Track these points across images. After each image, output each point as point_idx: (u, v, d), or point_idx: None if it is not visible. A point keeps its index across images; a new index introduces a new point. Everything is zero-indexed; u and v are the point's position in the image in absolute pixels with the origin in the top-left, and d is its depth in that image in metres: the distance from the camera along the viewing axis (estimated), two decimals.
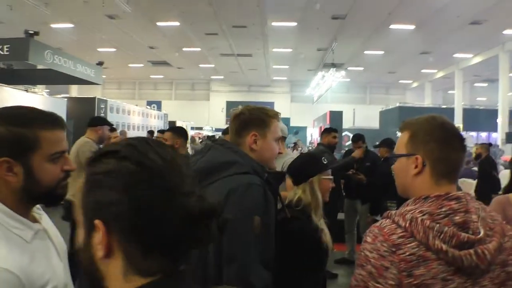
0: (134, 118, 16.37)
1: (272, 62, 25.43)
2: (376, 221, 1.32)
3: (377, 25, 17.39)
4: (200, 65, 27.25)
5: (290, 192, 2.03)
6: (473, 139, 24.30)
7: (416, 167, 1.23)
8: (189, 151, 12.60)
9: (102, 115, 12.14)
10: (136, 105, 18.37)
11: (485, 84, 31.62)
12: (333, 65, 20.64)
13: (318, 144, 5.54)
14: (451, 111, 26.70)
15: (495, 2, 14.71)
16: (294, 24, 17.62)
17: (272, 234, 1.51)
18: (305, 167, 2.05)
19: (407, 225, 1.10)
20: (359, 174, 5.40)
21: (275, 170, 1.88)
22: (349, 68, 24.93)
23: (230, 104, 35.79)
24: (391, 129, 27.22)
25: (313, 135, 30.74)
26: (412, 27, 17.67)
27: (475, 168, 9.96)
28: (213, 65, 26.92)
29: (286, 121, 19.42)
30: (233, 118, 1.65)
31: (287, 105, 33.83)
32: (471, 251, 1.04)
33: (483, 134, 25.37)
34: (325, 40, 19.85)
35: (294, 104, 34.21)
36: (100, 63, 13.87)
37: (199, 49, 21.90)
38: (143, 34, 18.97)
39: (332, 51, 20.07)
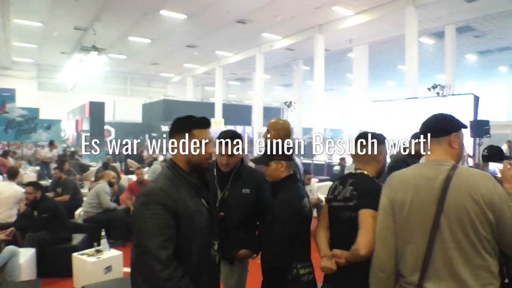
0: None
1: (14, 37, 20.22)
2: None
3: (148, 7, 15.81)
4: None
5: None
6: None
7: None
8: None
9: None
10: None
11: (237, 83, 34.42)
12: (95, 48, 17.84)
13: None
14: (211, 105, 27.74)
15: (262, 5, 15.40)
16: None
17: None
18: None
19: None
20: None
21: None
22: (110, 55, 22.34)
23: None
24: (155, 123, 26.25)
25: (67, 131, 26.63)
26: (183, 16, 16.87)
27: None
28: None
29: (35, 112, 15.56)
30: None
31: (33, 93, 28.06)
32: None
33: (239, 128, 27.27)
34: (86, 17, 16.91)
35: (43, 92, 28.60)
36: None
37: None
38: None
39: (93, 32, 17.28)
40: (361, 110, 19.05)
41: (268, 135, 2.88)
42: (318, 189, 7.71)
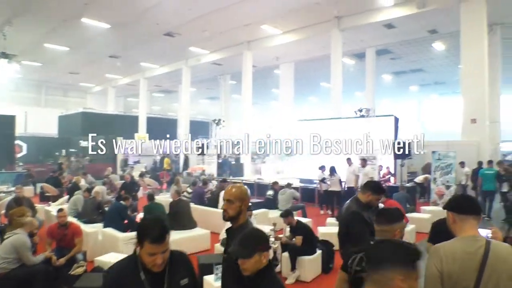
0: None
1: None
2: None
3: (67, 14, 14.75)
4: None
5: None
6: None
7: None
8: None
9: None
10: None
11: (162, 94, 33.44)
12: (5, 55, 16.22)
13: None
14: (134, 118, 26.60)
15: (192, 19, 15.10)
16: None
17: None
18: None
19: None
20: None
21: None
22: (23, 62, 20.46)
23: None
24: (73, 137, 24.42)
25: None
26: (106, 26, 15.97)
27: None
28: None
29: None
30: None
31: None
32: None
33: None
34: None
35: None
36: None
37: None
38: None
39: (4, 37, 15.70)
40: (287, 125, 19.42)
41: (231, 207, 2.39)
42: (255, 218, 7.20)
